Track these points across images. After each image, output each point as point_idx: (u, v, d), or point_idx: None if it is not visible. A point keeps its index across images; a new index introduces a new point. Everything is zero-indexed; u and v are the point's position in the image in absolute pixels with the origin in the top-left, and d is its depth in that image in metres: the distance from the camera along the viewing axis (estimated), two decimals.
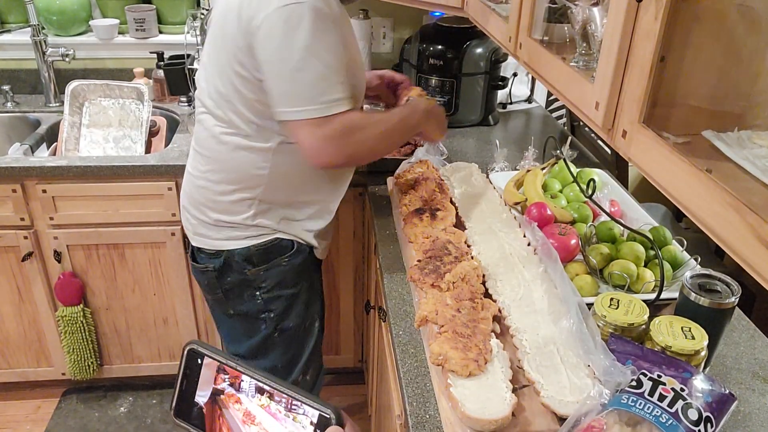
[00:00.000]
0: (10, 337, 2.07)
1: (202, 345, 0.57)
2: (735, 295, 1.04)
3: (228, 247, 1.37)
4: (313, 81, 1.16)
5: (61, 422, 2.14)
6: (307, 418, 0.54)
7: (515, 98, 2.39)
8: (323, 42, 1.15)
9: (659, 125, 0.78)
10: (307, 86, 1.16)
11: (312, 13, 1.13)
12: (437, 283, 1.19)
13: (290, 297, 1.44)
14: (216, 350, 0.57)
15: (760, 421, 1.00)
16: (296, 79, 1.16)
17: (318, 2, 1.14)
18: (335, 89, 1.19)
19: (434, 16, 2.23)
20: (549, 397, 0.96)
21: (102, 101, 2.08)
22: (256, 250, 1.37)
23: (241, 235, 1.37)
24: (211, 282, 1.43)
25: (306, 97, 1.17)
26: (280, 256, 1.40)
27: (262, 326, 1.45)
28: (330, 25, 1.17)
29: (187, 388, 0.57)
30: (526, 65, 1.23)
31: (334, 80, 1.18)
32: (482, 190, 1.57)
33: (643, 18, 0.77)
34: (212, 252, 1.39)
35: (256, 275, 1.40)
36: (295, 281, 1.44)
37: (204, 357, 0.57)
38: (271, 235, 1.38)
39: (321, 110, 1.18)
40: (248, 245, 1.37)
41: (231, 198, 1.34)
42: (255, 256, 1.38)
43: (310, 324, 1.51)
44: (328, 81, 1.18)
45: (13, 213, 1.85)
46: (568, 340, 1.05)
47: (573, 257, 1.32)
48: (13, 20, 2.29)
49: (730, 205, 0.62)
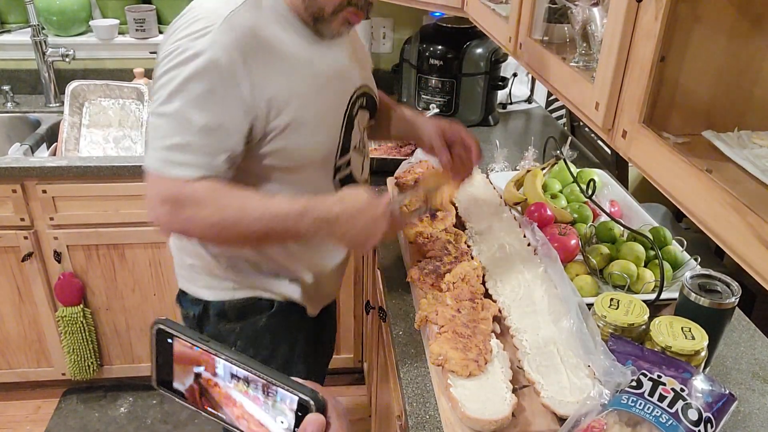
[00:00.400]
0: (11, 337, 2.07)
1: (170, 325, 0.55)
2: (735, 296, 1.04)
3: (205, 297, 1.23)
4: (166, 132, 0.99)
5: (61, 422, 2.14)
6: (286, 405, 0.53)
7: (515, 98, 2.39)
8: (194, 96, 0.97)
9: (659, 125, 0.78)
10: (159, 135, 1.00)
11: (203, 65, 0.96)
12: (437, 283, 1.19)
13: (266, 360, 1.26)
14: (184, 329, 0.55)
15: (760, 421, 1.00)
16: (152, 123, 1.01)
17: (221, 54, 0.96)
18: (187, 150, 0.99)
19: (434, 16, 2.23)
20: (549, 398, 0.96)
21: (102, 101, 2.08)
22: (231, 306, 1.22)
23: (217, 285, 1.22)
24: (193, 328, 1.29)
25: (154, 145, 1.01)
26: (257, 315, 1.23)
27: None
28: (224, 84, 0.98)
29: (164, 362, 0.56)
30: (526, 65, 1.23)
31: (191, 141, 0.99)
32: (482, 190, 1.57)
33: (643, 18, 0.77)
34: (193, 299, 1.25)
35: (231, 332, 1.25)
36: (273, 344, 1.26)
37: (173, 337, 0.55)
38: (249, 292, 1.22)
39: (159, 167, 1.00)
40: (223, 299, 1.22)
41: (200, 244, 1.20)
42: (230, 312, 1.23)
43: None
44: (180, 138, 0.98)
45: (13, 213, 1.85)
46: (569, 340, 1.05)
47: (573, 257, 1.32)
48: (13, 20, 2.29)
49: (730, 205, 0.62)
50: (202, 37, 0.97)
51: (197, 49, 0.96)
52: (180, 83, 0.97)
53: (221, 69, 0.97)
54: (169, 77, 0.98)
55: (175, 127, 0.99)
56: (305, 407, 0.52)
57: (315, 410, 0.52)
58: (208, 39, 0.97)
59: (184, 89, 0.97)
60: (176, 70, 0.97)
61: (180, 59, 0.97)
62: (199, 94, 0.98)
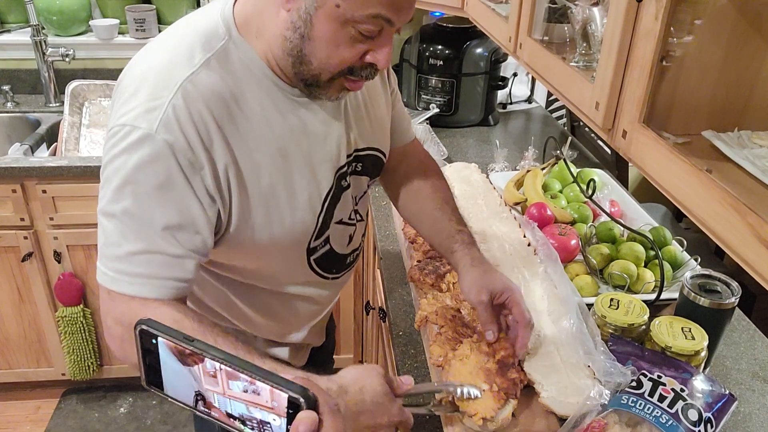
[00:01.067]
0: (10, 337, 2.07)
1: (153, 325, 0.54)
2: (735, 296, 1.04)
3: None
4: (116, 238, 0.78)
5: (61, 422, 2.14)
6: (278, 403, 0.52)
7: (515, 98, 2.39)
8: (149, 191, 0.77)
9: (659, 125, 0.78)
10: (108, 241, 0.79)
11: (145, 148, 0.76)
12: (437, 283, 1.18)
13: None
14: (168, 329, 0.53)
15: (760, 421, 1.00)
16: (101, 226, 0.80)
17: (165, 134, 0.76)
18: (143, 260, 0.78)
19: (434, 16, 2.23)
20: (549, 398, 0.96)
21: (102, 101, 2.08)
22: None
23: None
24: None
25: (102, 254, 0.80)
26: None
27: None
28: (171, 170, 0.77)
29: (151, 362, 0.55)
30: (526, 65, 1.23)
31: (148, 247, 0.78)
32: (482, 190, 1.57)
33: (644, 18, 0.77)
34: None
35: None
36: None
37: (157, 338, 0.54)
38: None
39: (109, 282, 0.79)
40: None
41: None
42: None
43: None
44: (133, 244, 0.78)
45: (13, 213, 1.85)
46: (569, 340, 1.05)
47: (573, 257, 1.32)
48: (13, 20, 2.29)
49: (730, 205, 0.62)
50: (150, 113, 0.76)
51: (145, 130, 0.76)
52: (128, 175, 0.76)
53: (177, 152, 0.77)
54: (115, 168, 0.77)
55: (127, 230, 0.78)
56: (296, 405, 0.51)
57: (306, 408, 0.50)
58: (158, 115, 0.76)
59: (133, 181, 0.77)
60: (122, 158, 0.77)
61: (125, 144, 0.76)
62: (153, 186, 0.77)
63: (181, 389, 0.56)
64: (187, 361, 0.54)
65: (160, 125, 0.76)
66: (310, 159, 0.92)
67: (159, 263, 0.79)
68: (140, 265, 0.78)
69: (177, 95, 0.77)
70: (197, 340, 0.53)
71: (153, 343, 0.54)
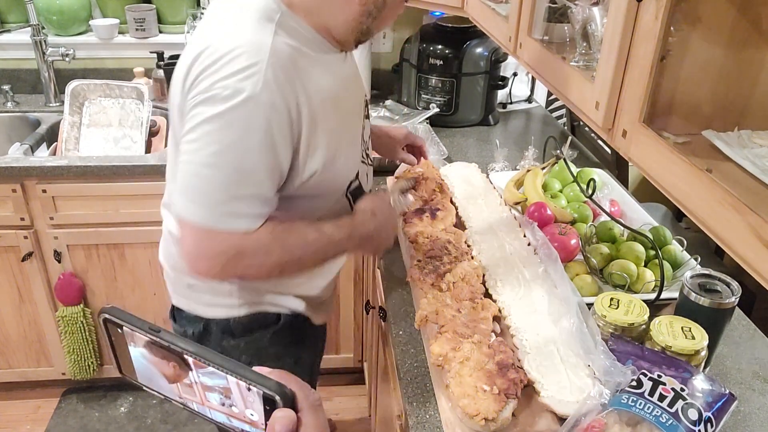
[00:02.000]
0: (11, 337, 2.07)
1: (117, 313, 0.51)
2: (735, 295, 1.04)
3: (207, 314, 1.20)
4: (221, 184, 0.93)
5: (61, 422, 2.14)
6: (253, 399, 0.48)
7: (515, 98, 2.39)
8: (251, 144, 0.92)
9: (659, 125, 0.78)
10: (212, 187, 0.93)
11: (249, 107, 0.90)
12: (437, 282, 1.18)
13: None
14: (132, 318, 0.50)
15: (760, 421, 1.00)
16: (201, 174, 0.93)
17: (265, 94, 0.90)
18: (248, 200, 0.95)
19: (434, 15, 2.23)
20: (549, 397, 0.96)
21: (102, 101, 2.08)
22: (236, 323, 1.19)
23: (220, 302, 1.18)
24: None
25: (205, 200, 0.93)
26: (263, 330, 1.21)
27: None
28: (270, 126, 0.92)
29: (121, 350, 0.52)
30: (526, 65, 1.23)
31: (253, 192, 0.95)
32: (482, 189, 1.57)
33: (644, 18, 0.77)
34: (191, 316, 1.22)
35: (235, 347, 1.21)
36: (279, 357, 1.25)
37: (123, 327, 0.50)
38: (254, 308, 1.19)
39: (215, 222, 0.94)
40: (228, 316, 1.19)
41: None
42: (235, 329, 1.20)
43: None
44: (239, 189, 0.94)
45: (13, 213, 1.85)
46: (568, 339, 1.05)
47: (573, 257, 1.32)
48: (13, 20, 2.29)
49: (730, 204, 0.62)
50: (251, 77, 0.89)
51: (249, 92, 0.89)
52: (234, 130, 0.90)
53: (276, 109, 0.91)
54: (219, 125, 0.90)
55: (233, 178, 0.92)
56: (272, 402, 0.47)
57: (282, 405, 0.47)
58: (259, 78, 0.89)
59: (238, 137, 0.90)
60: (227, 117, 0.89)
61: (230, 104, 0.89)
62: (258, 140, 0.91)
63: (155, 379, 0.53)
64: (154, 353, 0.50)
65: (263, 87, 0.90)
66: (352, 102, 1.13)
67: (260, 203, 0.97)
68: (245, 206, 0.95)
69: (270, 59, 0.91)
70: (163, 330, 0.49)
71: (119, 332, 0.51)
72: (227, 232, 0.95)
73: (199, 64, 0.92)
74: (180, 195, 0.96)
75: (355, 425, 2.18)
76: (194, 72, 0.93)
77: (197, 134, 0.92)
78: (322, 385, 2.30)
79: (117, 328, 0.50)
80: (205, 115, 0.90)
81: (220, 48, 0.91)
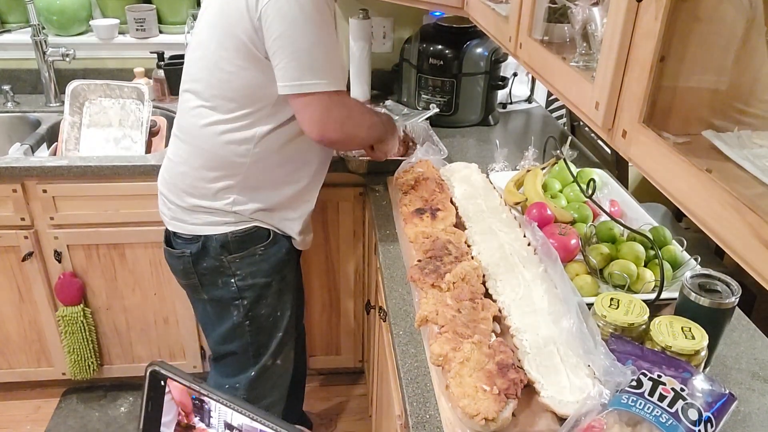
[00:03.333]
0: (11, 337, 2.07)
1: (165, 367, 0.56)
2: (735, 295, 1.04)
3: (205, 232, 1.39)
4: (326, 56, 1.23)
5: (61, 422, 2.14)
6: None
7: (515, 98, 2.39)
8: (328, 22, 1.24)
9: (659, 125, 0.78)
10: (321, 60, 1.23)
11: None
12: (437, 283, 1.19)
13: (263, 286, 1.46)
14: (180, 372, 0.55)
15: (760, 421, 1.00)
16: (312, 53, 1.22)
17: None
18: (340, 68, 1.28)
19: (434, 15, 2.23)
20: (549, 397, 0.96)
21: (102, 101, 2.08)
22: (233, 237, 1.39)
23: (219, 221, 1.38)
24: (186, 267, 1.44)
25: (319, 70, 1.23)
26: (256, 245, 1.42)
27: (234, 313, 1.46)
28: (331, 9, 1.27)
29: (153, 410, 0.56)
30: (526, 65, 1.23)
31: (338, 60, 1.28)
32: (482, 190, 1.57)
33: (644, 18, 0.77)
34: (189, 237, 1.41)
35: (232, 262, 1.41)
36: (269, 272, 1.46)
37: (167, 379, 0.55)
38: (249, 223, 1.40)
39: (332, 84, 1.25)
40: (226, 231, 1.39)
41: (210, 184, 1.37)
42: (232, 244, 1.40)
43: (280, 314, 1.52)
44: (337, 58, 1.27)
45: (14, 213, 1.85)
46: (568, 340, 1.05)
47: (573, 257, 1.32)
48: (13, 20, 2.29)
49: (730, 204, 0.62)
50: None
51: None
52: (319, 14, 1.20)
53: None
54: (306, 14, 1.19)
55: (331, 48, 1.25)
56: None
57: None
58: None
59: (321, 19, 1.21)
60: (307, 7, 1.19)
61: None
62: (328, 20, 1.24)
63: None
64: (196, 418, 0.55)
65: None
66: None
67: (343, 68, 1.34)
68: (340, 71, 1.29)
69: None
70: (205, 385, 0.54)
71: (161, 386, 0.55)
72: (340, 92, 1.28)
73: None
74: (298, 78, 1.23)
75: (356, 425, 2.18)
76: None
77: (294, 27, 1.19)
78: (322, 385, 2.32)
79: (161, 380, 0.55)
80: (292, 12, 1.18)
81: None
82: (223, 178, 1.36)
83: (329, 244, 2.01)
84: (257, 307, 1.47)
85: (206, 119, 1.33)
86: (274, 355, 1.54)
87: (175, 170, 1.42)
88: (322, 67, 1.24)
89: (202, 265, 1.42)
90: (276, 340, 1.53)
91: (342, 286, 2.09)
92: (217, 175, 1.36)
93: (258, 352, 1.52)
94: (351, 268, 2.05)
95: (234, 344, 1.51)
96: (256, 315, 1.48)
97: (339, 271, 2.06)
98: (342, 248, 2.01)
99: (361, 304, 2.12)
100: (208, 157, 1.35)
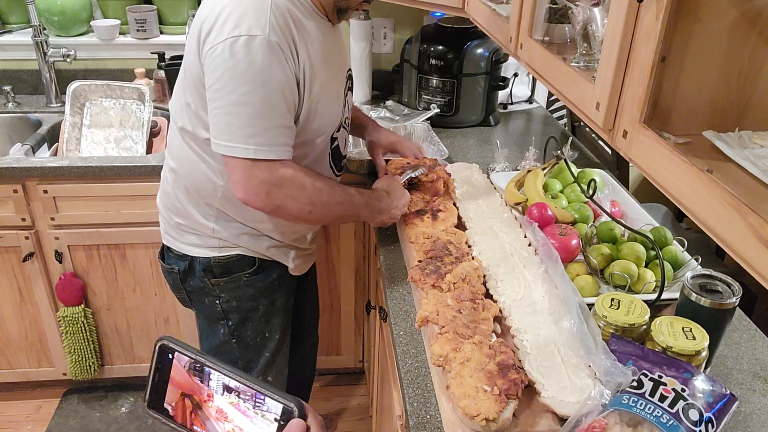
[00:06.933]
0: (12, 337, 2.07)
1: (174, 341, 0.60)
2: (736, 296, 1.04)
3: (192, 253, 1.36)
4: (256, 119, 1.10)
5: (62, 422, 2.14)
6: (272, 414, 0.58)
7: (516, 98, 2.39)
8: (269, 80, 1.09)
9: (660, 125, 0.78)
10: (248, 123, 1.09)
11: (263, 48, 1.07)
12: (438, 283, 1.19)
13: (248, 309, 1.41)
14: (187, 346, 0.60)
15: (761, 421, 1.00)
16: (233, 113, 1.09)
17: (274, 36, 1.08)
18: (272, 132, 1.12)
19: (435, 16, 2.23)
20: (550, 398, 0.96)
21: (103, 102, 2.08)
22: (215, 263, 1.35)
23: (203, 243, 1.34)
24: (175, 282, 1.42)
25: (243, 134, 1.10)
26: (240, 272, 1.37)
27: (221, 331, 1.43)
28: (282, 63, 1.10)
29: (159, 381, 0.60)
30: (526, 66, 1.23)
31: (272, 123, 1.11)
32: (483, 190, 1.57)
33: (644, 18, 0.77)
34: (179, 254, 1.38)
35: (216, 285, 1.37)
36: (255, 296, 1.40)
37: (175, 352, 0.59)
38: (233, 250, 1.35)
39: (260, 151, 1.11)
40: (209, 256, 1.34)
41: (190, 205, 1.32)
42: (215, 268, 1.35)
43: (268, 336, 1.47)
44: (265, 122, 1.11)
45: (14, 213, 1.85)
46: (569, 340, 1.05)
47: (574, 257, 1.32)
48: (14, 21, 2.30)
49: (730, 205, 0.62)
50: (259, 22, 1.07)
51: (261, 35, 1.07)
52: (257, 70, 1.07)
53: (284, 49, 1.10)
54: (242, 68, 1.07)
55: (262, 112, 1.09)
56: (289, 413, 0.57)
57: (298, 416, 0.57)
58: (265, 23, 1.08)
59: (262, 75, 1.08)
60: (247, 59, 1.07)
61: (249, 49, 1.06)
62: (277, 77, 1.09)
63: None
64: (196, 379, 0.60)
65: (270, 30, 1.08)
66: (338, 65, 1.31)
67: (286, 133, 1.15)
68: (275, 136, 1.12)
69: (272, 10, 1.09)
70: (209, 357, 0.59)
71: (169, 359, 0.60)
72: (266, 161, 1.12)
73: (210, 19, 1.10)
74: (220, 136, 1.12)
75: (356, 425, 2.18)
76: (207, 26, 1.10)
77: (224, 81, 1.08)
78: (323, 385, 2.32)
79: (169, 354, 0.60)
80: (227, 64, 1.07)
81: (222, 8, 1.09)
82: (202, 199, 1.31)
83: (330, 245, 2.01)
84: (242, 328, 1.44)
85: (184, 140, 1.28)
86: (263, 372, 1.50)
87: (163, 188, 1.39)
88: (249, 132, 1.10)
89: (189, 283, 1.40)
90: (263, 358, 1.48)
91: (342, 286, 2.09)
92: (196, 196, 1.31)
93: (248, 366, 1.48)
94: (351, 268, 2.05)
95: (224, 357, 1.46)
96: (242, 335, 1.44)
97: (339, 271, 2.06)
98: (342, 248, 2.02)
99: (362, 305, 2.12)
100: (187, 177, 1.30)
